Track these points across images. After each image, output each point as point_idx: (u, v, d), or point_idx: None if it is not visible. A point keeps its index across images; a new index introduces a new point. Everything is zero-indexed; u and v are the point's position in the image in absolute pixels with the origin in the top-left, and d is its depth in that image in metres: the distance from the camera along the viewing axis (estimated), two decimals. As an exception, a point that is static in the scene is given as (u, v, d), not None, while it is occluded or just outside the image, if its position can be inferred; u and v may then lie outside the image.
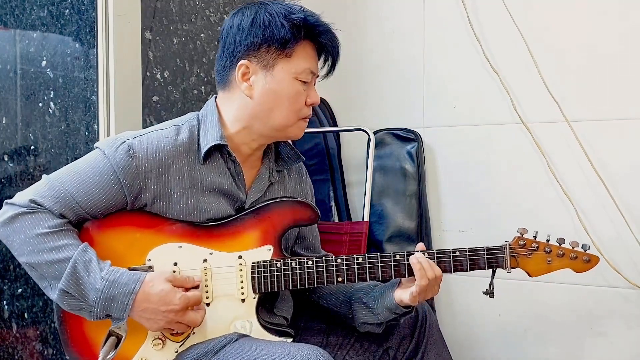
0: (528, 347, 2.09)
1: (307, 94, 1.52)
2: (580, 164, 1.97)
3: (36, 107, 2.01)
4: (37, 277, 1.41)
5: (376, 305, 1.52)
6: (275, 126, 1.51)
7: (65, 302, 1.39)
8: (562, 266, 1.53)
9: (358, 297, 1.56)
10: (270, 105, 1.49)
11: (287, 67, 1.48)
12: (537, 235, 1.53)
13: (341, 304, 1.60)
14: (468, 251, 1.50)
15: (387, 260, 1.50)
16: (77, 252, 1.38)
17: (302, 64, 1.49)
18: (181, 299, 1.39)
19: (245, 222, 1.51)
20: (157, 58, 2.06)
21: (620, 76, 1.93)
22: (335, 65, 1.57)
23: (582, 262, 1.52)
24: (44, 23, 1.98)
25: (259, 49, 1.48)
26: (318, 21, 1.51)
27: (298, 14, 1.48)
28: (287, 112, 1.50)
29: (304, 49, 1.50)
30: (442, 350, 1.62)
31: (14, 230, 1.40)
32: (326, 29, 1.52)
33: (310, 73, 1.51)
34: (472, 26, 2.13)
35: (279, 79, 1.49)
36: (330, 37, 1.53)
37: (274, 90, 1.49)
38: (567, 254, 1.52)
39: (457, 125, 2.19)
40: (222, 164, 1.52)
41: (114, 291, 1.37)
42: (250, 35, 1.48)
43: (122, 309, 1.37)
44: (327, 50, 1.54)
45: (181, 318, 1.40)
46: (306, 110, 1.53)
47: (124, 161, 1.43)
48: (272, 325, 1.51)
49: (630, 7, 1.92)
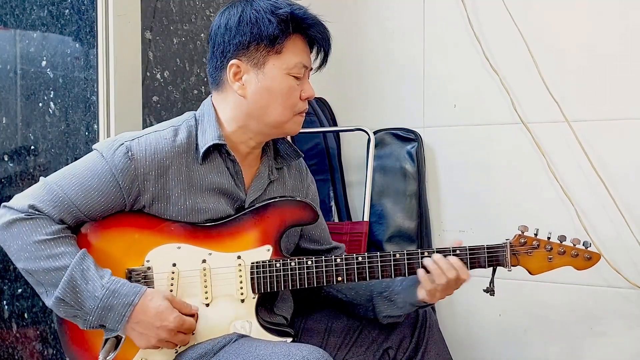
0: (528, 347, 2.09)
1: (301, 88, 1.50)
2: (580, 164, 1.97)
3: (36, 107, 2.01)
4: (34, 282, 1.40)
5: (399, 300, 1.53)
6: (271, 123, 1.50)
7: (61, 309, 1.38)
8: (563, 264, 1.52)
9: (379, 291, 1.57)
10: (264, 103, 1.48)
11: (278, 63, 1.47)
12: (538, 233, 1.52)
13: (361, 298, 1.60)
14: (468, 249, 1.50)
15: (387, 260, 1.50)
16: (74, 260, 1.37)
17: (293, 58, 1.48)
18: (176, 318, 1.39)
19: (244, 222, 1.50)
20: (157, 58, 2.06)
21: (620, 76, 1.93)
22: (327, 56, 1.55)
23: (584, 259, 1.51)
24: (44, 23, 1.98)
25: (248, 47, 1.46)
26: (306, 14, 1.49)
27: (284, 8, 1.46)
28: (281, 108, 1.49)
29: (293, 43, 1.48)
30: (442, 350, 1.62)
31: (12, 235, 1.39)
32: (314, 21, 1.49)
33: (303, 67, 1.50)
34: (472, 26, 2.13)
35: (270, 76, 1.47)
36: (319, 29, 1.50)
37: (267, 87, 1.48)
38: (568, 251, 1.51)
39: (457, 125, 2.19)
40: (221, 164, 1.51)
41: (114, 301, 1.36)
42: (238, 35, 1.47)
43: (119, 320, 1.36)
44: (317, 42, 1.52)
45: (171, 337, 1.39)
46: (302, 104, 1.52)
47: (122, 163, 1.42)
48: (271, 325, 1.51)
49: (630, 7, 1.92)
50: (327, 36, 1.53)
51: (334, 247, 1.71)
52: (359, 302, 1.60)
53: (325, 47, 1.53)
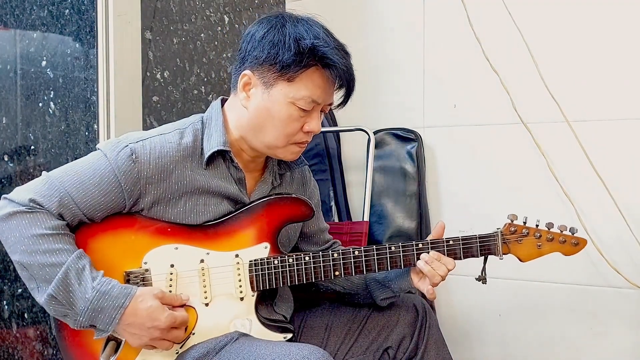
0: (528, 347, 2.09)
1: (306, 120, 1.47)
2: (580, 164, 1.97)
3: (36, 107, 2.01)
4: (27, 277, 1.39)
5: (393, 285, 1.59)
6: (264, 143, 1.49)
7: (52, 307, 1.37)
8: (551, 250, 1.55)
9: (372, 277, 1.61)
10: (261, 121, 1.47)
11: (285, 90, 1.44)
12: (527, 220, 1.55)
13: (357, 287, 1.64)
14: (461, 239, 1.53)
15: (382, 253, 1.51)
16: (71, 258, 1.36)
17: (303, 91, 1.44)
18: (167, 317, 1.38)
19: (240, 221, 1.50)
20: (157, 58, 2.06)
21: (620, 76, 1.93)
22: (349, 96, 1.52)
23: (571, 245, 1.55)
24: (44, 23, 1.98)
25: (262, 65, 1.45)
26: (327, 53, 1.42)
27: (308, 40, 1.42)
28: (277, 133, 1.47)
29: (310, 76, 1.44)
30: (442, 349, 1.62)
31: (10, 227, 1.39)
32: (335, 63, 1.43)
33: (312, 102, 1.46)
34: (472, 26, 2.13)
35: (274, 99, 1.45)
36: (340, 71, 1.44)
37: (268, 108, 1.46)
38: (556, 238, 1.54)
39: (457, 125, 2.19)
40: (225, 170, 1.51)
41: (104, 303, 1.35)
42: (258, 49, 1.45)
43: (109, 322, 1.36)
44: (338, 79, 1.47)
45: (165, 335, 1.39)
46: (301, 136, 1.49)
47: (126, 165, 1.42)
48: (271, 322, 1.52)
49: (630, 7, 1.92)
50: (350, 77, 1.48)
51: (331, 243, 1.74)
52: (356, 292, 1.65)
53: (347, 88, 1.50)
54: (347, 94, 1.51)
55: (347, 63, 1.47)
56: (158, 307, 1.38)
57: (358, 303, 1.66)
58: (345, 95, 1.52)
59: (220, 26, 2.26)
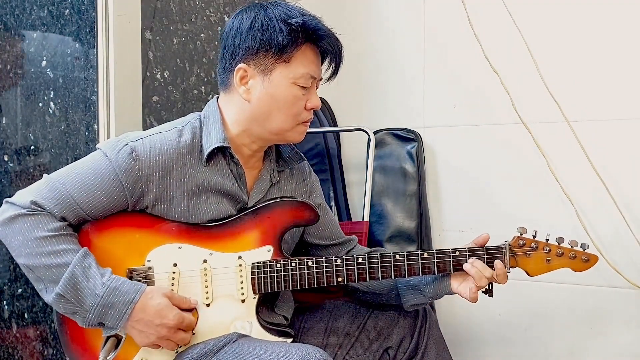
0: (528, 347, 2.09)
1: (307, 98, 1.50)
2: (580, 164, 1.97)
3: (36, 107, 2.01)
4: (34, 279, 1.40)
5: (428, 290, 1.56)
6: (273, 130, 1.51)
7: (61, 305, 1.38)
8: (561, 265, 1.53)
9: (406, 280, 1.58)
10: (267, 109, 1.49)
11: (285, 72, 1.47)
12: (537, 234, 1.53)
13: (383, 287, 1.62)
14: (468, 251, 1.51)
15: (386, 261, 1.50)
16: (76, 257, 1.37)
17: (301, 69, 1.48)
18: (176, 316, 1.39)
19: (245, 223, 1.51)
20: (157, 58, 2.06)
21: (620, 76, 1.93)
22: (338, 68, 1.55)
23: (581, 261, 1.52)
24: (44, 23, 1.98)
25: (257, 53, 1.47)
26: (317, 25, 1.49)
27: (297, 18, 1.46)
28: (285, 116, 1.49)
29: (303, 53, 1.48)
30: (442, 350, 1.62)
31: (13, 231, 1.39)
32: (326, 33, 1.49)
33: (310, 78, 1.49)
34: (472, 26, 2.13)
35: (276, 83, 1.47)
36: (330, 41, 1.50)
37: (272, 94, 1.48)
38: (566, 253, 1.52)
39: (457, 125, 2.19)
40: (225, 166, 1.52)
41: (114, 299, 1.36)
42: (248, 39, 1.47)
43: (119, 317, 1.37)
44: (329, 54, 1.52)
45: (171, 335, 1.40)
46: (306, 114, 1.52)
47: (126, 164, 1.42)
48: (272, 325, 1.52)
49: (630, 7, 1.92)
50: (338, 48, 1.53)
51: (347, 240, 1.71)
52: (380, 292, 1.63)
53: (337, 59, 1.54)
54: (337, 64, 1.55)
55: (333, 32, 1.51)
56: (167, 305, 1.39)
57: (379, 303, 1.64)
58: (335, 66, 1.55)
59: (220, 26, 2.26)
